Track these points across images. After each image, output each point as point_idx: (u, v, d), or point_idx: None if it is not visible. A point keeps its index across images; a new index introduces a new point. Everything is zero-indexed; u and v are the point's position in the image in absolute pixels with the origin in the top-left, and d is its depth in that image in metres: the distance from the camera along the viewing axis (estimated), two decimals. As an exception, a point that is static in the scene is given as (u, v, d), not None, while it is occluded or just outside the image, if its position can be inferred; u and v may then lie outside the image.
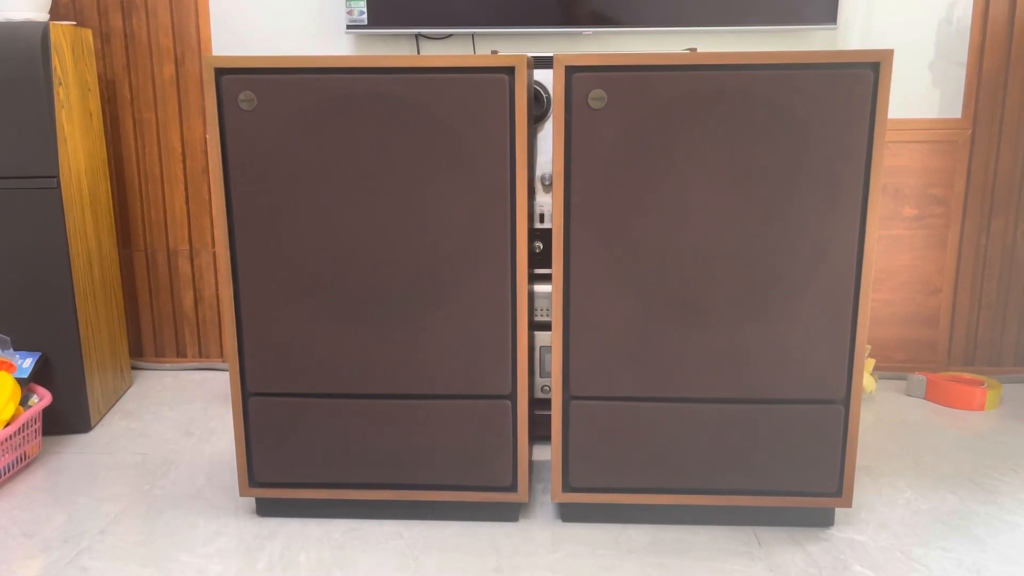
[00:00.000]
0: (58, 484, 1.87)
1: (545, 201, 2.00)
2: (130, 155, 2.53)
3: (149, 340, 2.64)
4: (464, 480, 1.65)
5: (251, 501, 1.78)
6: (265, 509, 1.72)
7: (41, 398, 2.02)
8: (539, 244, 2.01)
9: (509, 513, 1.69)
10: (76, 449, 2.06)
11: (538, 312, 1.97)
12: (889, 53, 1.44)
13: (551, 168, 1.99)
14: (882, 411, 2.28)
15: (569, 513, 1.69)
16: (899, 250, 2.47)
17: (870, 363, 2.37)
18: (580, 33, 2.36)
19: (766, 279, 1.53)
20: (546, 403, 2.03)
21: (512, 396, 1.61)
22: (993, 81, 2.36)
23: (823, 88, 1.45)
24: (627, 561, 1.55)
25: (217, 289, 2.61)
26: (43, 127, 2.00)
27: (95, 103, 2.25)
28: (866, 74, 1.45)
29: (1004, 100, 2.37)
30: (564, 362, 1.59)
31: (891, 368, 2.55)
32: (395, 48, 2.42)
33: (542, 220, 2.01)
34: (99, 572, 1.53)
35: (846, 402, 1.58)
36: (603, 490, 1.65)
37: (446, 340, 1.58)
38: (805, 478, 1.61)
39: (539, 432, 2.05)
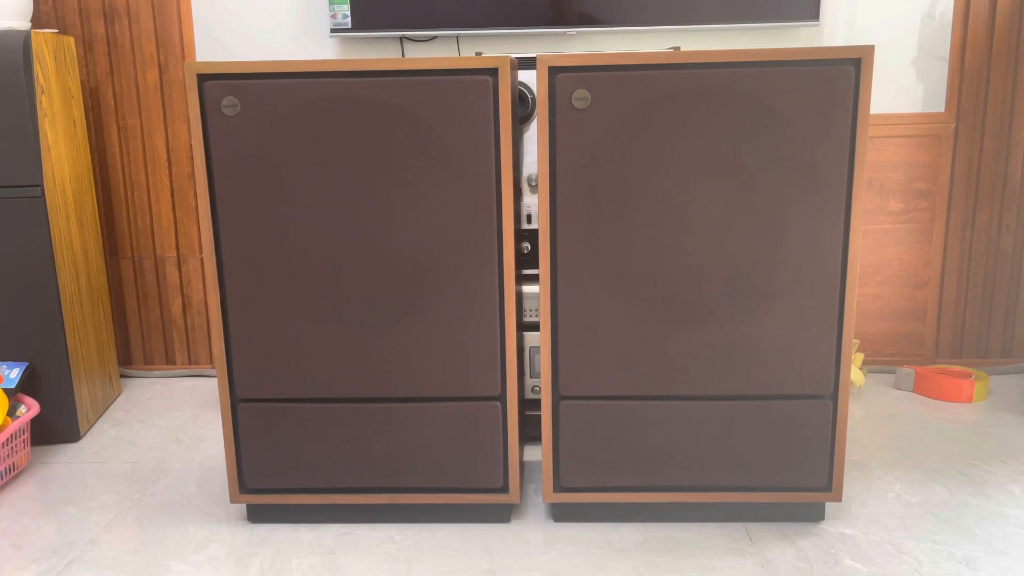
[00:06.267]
0: (47, 494, 1.86)
1: (532, 202, 2.00)
2: (115, 162, 2.52)
3: (138, 348, 2.63)
4: (455, 482, 1.65)
5: (242, 508, 1.77)
6: (256, 515, 1.71)
7: (29, 408, 2.01)
8: (527, 245, 2.01)
9: (501, 514, 1.69)
10: (65, 459, 2.05)
11: (527, 313, 1.97)
12: (870, 49, 1.45)
13: (537, 168, 1.99)
14: (871, 405, 2.29)
15: (561, 513, 1.69)
16: (885, 244, 2.49)
17: (858, 357, 2.38)
18: (564, 33, 2.36)
19: (753, 276, 1.54)
20: (537, 404, 2.03)
21: (502, 397, 1.61)
22: (975, 75, 2.38)
23: (806, 85, 1.46)
24: (619, 560, 1.56)
25: (205, 295, 2.60)
26: (26, 136, 1.99)
27: (79, 111, 2.24)
28: (847, 70, 1.45)
29: (986, 94, 2.39)
30: (553, 362, 1.60)
31: (880, 362, 2.56)
32: (379, 51, 2.41)
33: (529, 221, 2.01)
34: (89, 582, 1.52)
35: (834, 397, 1.59)
36: (594, 489, 1.65)
37: (435, 342, 1.58)
38: (795, 473, 1.62)
39: (530, 433, 2.06)
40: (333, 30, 2.29)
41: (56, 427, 2.13)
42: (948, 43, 2.37)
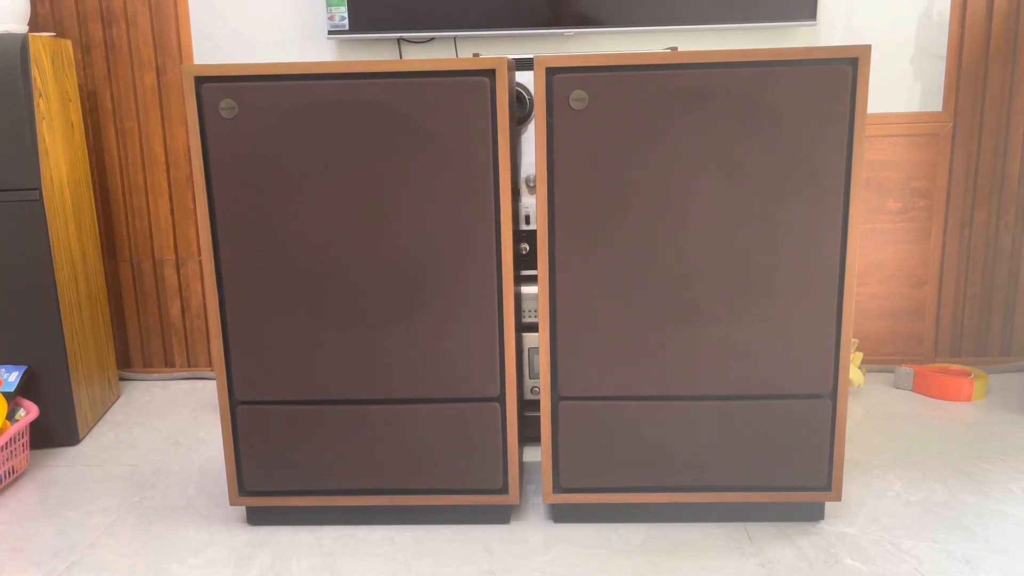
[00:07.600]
0: (47, 498, 1.86)
1: (530, 202, 2.00)
2: (113, 165, 2.52)
3: (137, 350, 2.63)
4: (455, 483, 1.65)
5: (241, 510, 1.77)
6: (256, 518, 1.71)
7: (28, 412, 2.01)
8: (526, 246, 2.01)
9: (501, 515, 1.69)
10: (65, 462, 2.05)
11: (527, 314, 1.97)
12: (867, 48, 1.45)
13: (535, 169, 1.99)
14: (870, 404, 2.29)
15: (561, 514, 1.69)
16: (884, 243, 2.49)
17: (858, 357, 2.38)
18: (562, 34, 2.36)
19: (751, 275, 1.54)
20: (536, 404, 2.03)
21: (501, 398, 1.61)
22: (973, 74, 2.38)
23: (803, 84, 1.46)
24: (619, 560, 1.56)
25: (204, 298, 2.60)
26: (24, 139, 1.99)
27: (76, 114, 2.24)
28: (845, 69, 1.45)
29: (984, 93, 2.39)
30: (552, 363, 1.60)
31: (879, 361, 2.56)
32: (377, 53, 2.42)
33: (528, 222, 2.01)
34: (89, 585, 1.52)
35: (833, 396, 1.59)
36: (594, 490, 1.65)
37: (434, 344, 1.58)
38: (794, 473, 1.62)
39: (529, 433, 2.05)
40: (331, 32, 2.29)
41: (55, 430, 2.13)
42: (945, 42, 2.37)
